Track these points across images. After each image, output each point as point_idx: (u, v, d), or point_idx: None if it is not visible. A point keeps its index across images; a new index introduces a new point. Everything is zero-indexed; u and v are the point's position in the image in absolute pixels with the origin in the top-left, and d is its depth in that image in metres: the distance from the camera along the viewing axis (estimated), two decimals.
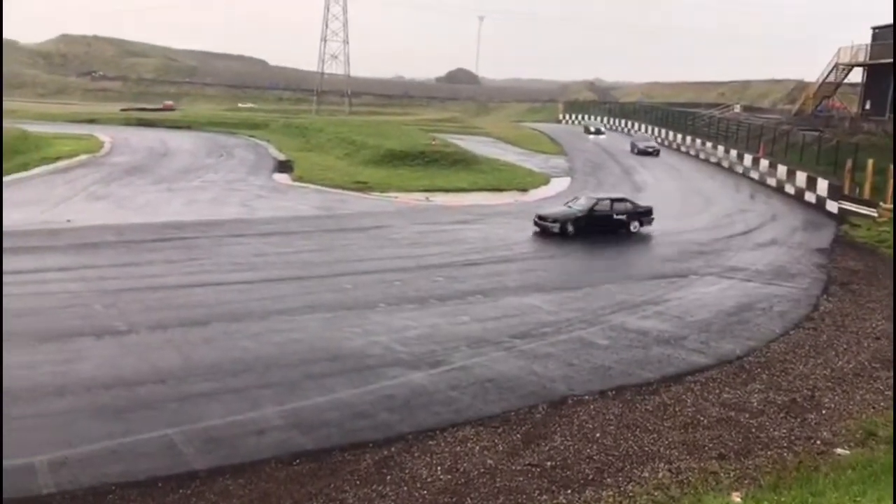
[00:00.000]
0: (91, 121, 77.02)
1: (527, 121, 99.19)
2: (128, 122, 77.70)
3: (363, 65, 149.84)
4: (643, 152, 60.40)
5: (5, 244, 25.66)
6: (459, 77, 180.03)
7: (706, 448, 12.69)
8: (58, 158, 48.42)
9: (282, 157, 54.35)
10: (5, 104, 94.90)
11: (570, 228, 29.39)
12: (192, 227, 29.82)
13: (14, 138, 51.18)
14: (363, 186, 40.87)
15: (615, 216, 30.24)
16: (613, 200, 30.93)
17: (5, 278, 21.34)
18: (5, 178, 39.44)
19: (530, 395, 14.64)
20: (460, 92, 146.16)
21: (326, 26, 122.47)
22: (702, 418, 13.85)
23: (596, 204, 30.39)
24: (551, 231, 29.42)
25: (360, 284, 22.07)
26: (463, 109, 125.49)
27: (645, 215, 30.79)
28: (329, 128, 65.09)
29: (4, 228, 28.10)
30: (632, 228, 30.32)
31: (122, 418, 12.91)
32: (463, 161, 49.45)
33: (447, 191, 40.66)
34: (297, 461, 11.82)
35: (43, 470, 11.18)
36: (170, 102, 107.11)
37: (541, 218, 30.15)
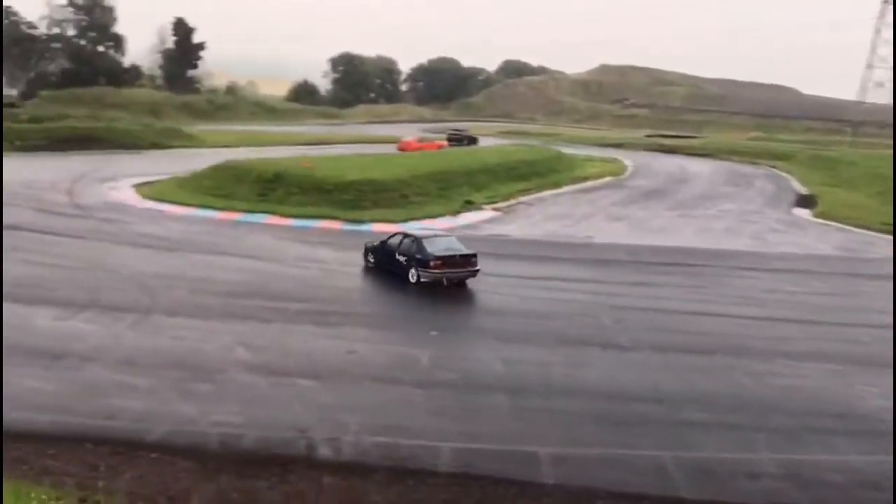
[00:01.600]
0: (617, 145, 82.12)
1: None
2: (650, 148, 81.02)
3: None
4: None
5: (538, 252, 28.95)
6: None
7: None
8: (585, 179, 52.65)
9: (804, 190, 51.20)
10: (549, 128, 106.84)
11: (370, 259, 24.22)
12: (703, 254, 29.79)
13: (550, 158, 57.30)
14: None
15: (397, 255, 22.88)
16: (405, 237, 23.32)
17: (536, 282, 24.07)
18: (543, 193, 44.44)
19: None
20: None
21: (874, 52, 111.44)
22: None
23: (393, 236, 23.78)
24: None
25: (882, 339, 19.58)
26: None
27: (424, 264, 21.96)
28: (864, 162, 59.20)
29: (537, 239, 31.68)
30: (409, 276, 22.33)
31: (618, 430, 13.54)
32: None
33: None
34: None
35: (546, 461, 12.28)
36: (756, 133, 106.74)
37: None
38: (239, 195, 35.44)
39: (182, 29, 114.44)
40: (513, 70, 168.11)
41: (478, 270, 22.65)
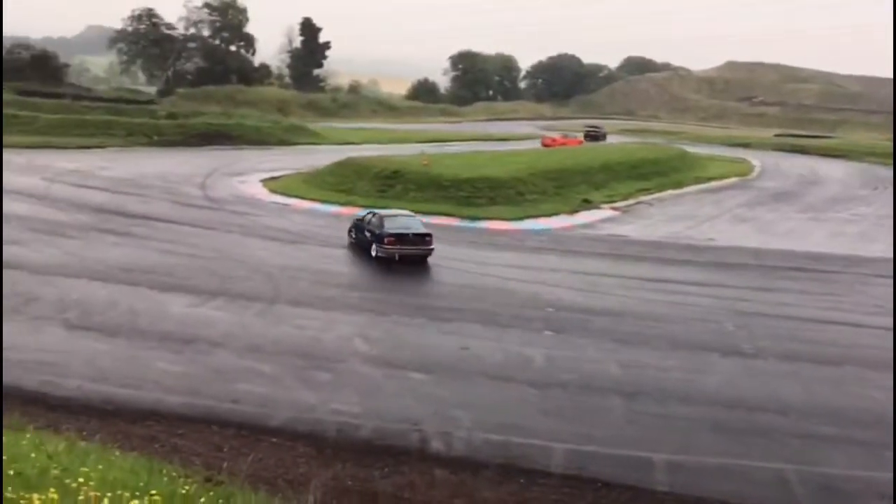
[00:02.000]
0: (744, 145, 79.00)
1: None
2: (780, 148, 77.54)
3: None
4: None
5: (657, 254, 28.29)
6: None
7: None
8: (709, 179, 50.97)
9: None
10: (673, 127, 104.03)
11: (352, 235, 26.36)
12: (834, 260, 28.32)
13: (673, 157, 55.80)
14: None
15: (365, 231, 24.93)
16: (374, 214, 25.45)
17: (655, 284, 23.54)
18: (663, 194, 43.33)
19: None
20: None
21: None
22: None
23: (367, 214, 26.00)
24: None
25: None
26: None
27: (380, 240, 23.88)
28: None
29: (656, 240, 30.92)
30: (372, 251, 24.23)
31: (739, 440, 13.05)
32: None
33: None
34: None
35: (660, 467, 11.99)
36: None
37: None
38: (359, 191, 36.34)
39: (309, 29, 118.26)
40: (635, 66, 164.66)
41: (432, 249, 24.18)
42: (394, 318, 18.67)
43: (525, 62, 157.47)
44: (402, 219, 25.28)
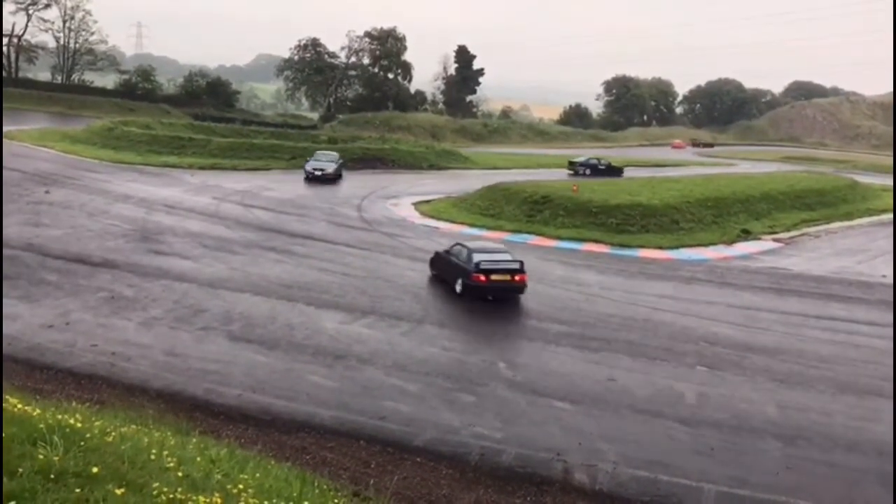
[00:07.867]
0: None
1: None
2: None
3: None
4: None
5: (822, 289, 26.60)
6: None
7: None
8: (883, 211, 47.56)
9: None
10: (842, 155, 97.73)
11: None
12: None
13: (842, 187, 52.38)
14: None
15: None
16: None
17: (819, 322, 22.17)
18: (832, 225, 40.83)
19: None
20: None
21: None
22: None
23: None
24: None
25: None
26: None
27: None
28: None
29: (822, 275, 29.11)
30: None
31: None
32: None
33: None
34: None
35: None
36: None
37: None
38: (507, 215, 36.47)
39: (464, 56, 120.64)
40: (801, 91, 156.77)
41: None
42: (539, 344, 18.52)
43: (682, 87, 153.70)
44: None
